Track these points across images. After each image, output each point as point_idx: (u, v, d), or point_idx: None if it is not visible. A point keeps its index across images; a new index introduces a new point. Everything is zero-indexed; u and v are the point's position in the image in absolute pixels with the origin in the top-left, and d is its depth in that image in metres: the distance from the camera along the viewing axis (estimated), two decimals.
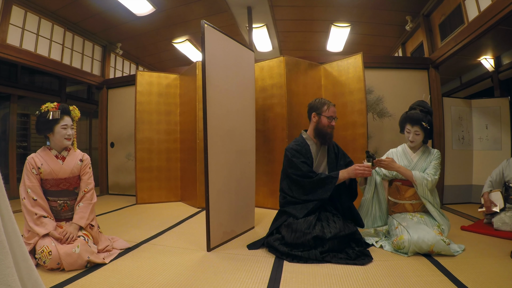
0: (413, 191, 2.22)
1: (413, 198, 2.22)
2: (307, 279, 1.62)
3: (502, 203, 2.52)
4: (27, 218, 1.79)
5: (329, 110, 2.22)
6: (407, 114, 2.27)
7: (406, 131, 2.27)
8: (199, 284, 1.57)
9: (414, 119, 2.20)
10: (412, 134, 2.23)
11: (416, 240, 1.90)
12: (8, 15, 3.54)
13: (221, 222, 2.23)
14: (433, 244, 1.88)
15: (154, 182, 4.03)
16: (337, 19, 4.53)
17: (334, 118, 2.23)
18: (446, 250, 1.89)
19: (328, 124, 2.21)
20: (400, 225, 2.08)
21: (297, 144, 2.25)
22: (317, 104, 2.27)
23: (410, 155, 2.31)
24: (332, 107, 2.24)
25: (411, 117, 2.22)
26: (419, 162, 2.25)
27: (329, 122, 2.21)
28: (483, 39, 3.51)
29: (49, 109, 1.89)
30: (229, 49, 2.38)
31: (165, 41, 5.34)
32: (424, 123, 2.18)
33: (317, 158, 2.26)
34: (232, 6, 4.08)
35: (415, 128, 2.21)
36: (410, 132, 2.24)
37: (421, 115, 2.20)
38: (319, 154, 2.28)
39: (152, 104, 4.03)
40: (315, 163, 2.25)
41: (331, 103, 2.26)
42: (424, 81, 3.87)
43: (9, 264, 0.76)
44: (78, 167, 2.02)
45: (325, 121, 2.21)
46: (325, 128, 2.22)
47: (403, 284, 1.53)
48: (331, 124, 2.22)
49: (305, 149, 2.23)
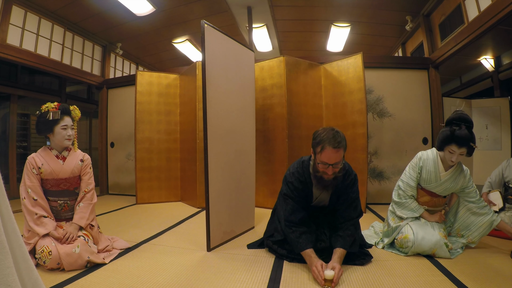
0: (428, 199, 2.13)
1: (426, 205, 2.14)
2: (307, 279, 1.62)
3: (501, 202, 2.51)
4: (27, 218, 1.79)
5: (322, 154, 1.64)
6: (454, 133, 1.90)
7: (449, 151, 1.95)
8: (199, 284, 1.57)
9: (463, 139, 1.88)
10: (457, 156, 1.93)
11: (420, 241, 1.89)
12: (8, 15, 3.54)
13: (221, 222, 2.23)
14: (436, 249, 1.88)
15: (154, 182, 4.03)
16: (337, 19, 4.53)
17: (332, 165, 1.64)
18: (447, 256, 1.89)
19: (322, 170, 1.68)
20: (408, 224, 2.04)
21: (299, 180, 1.85)
22: (315, 137, 1.71)
23: (440, 171, 2.05)
24: (328, 150, 1.61)
25: (460, 137, 1.88)
26: (445, 184, 2.05)
27: (323, 168, 1.67)
28: (483, 39, 3.51)
29: (49, 110, 1.89)
30: (229, 49, 2.38)
31: (165, 41, 5.34)
32: (473, 144, 1.91)
33: (318, 196, 1.90)
34: (232, 6, 4.08)
35: (461, 150, 1.90)
36: (455, 153, 1.93)
37: (469, 134, 1.90)
38: (322, 194, 1.89)
39: (152, 104, 4.03)
40: (315, 200, 1.92)
41: (331, 142, 1.61)
42: (424, 81, 3.87)
43: (9, 264, 0.76)
44: (78, 167, 2.02)
45: (319, 167, 1.70)
46: (319, 173, 1.72)
47: (403, 284, 1.53)
48: (327, 172, 1.67)
49: (306, 187, 1.85)
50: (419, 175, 2.10)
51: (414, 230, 1.94)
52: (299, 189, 1.85)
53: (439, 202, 2.16)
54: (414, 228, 1.97)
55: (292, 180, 1.87)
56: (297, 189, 1.85)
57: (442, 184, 2.05)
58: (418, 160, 2.12)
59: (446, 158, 2.00)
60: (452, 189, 2.07)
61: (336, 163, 1.64)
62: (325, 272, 1.51)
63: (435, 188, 2.08)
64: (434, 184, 2.06)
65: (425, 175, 2.08)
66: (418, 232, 1.93)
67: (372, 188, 3.75)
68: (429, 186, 2.09)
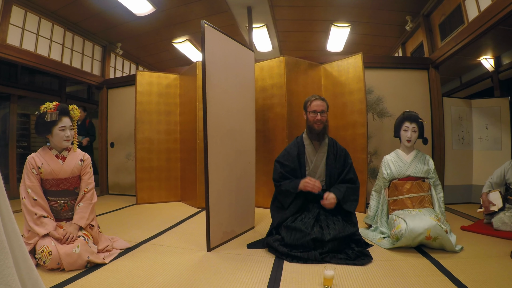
0: (409, 185, 2.33)
1: (411, 192, 2.30)
2: (307, 279, 1.62)
3: (501, 202, 2.52)
4: (27, 218, 1.79)
5: (311, 105, 2.16)
6: (404, 114, 2.45)
7: (404, 129, 2.40)
8: (199, 284, 1.57)
9: (412, 116, 2.40)
10: (410, 132, 2.37)
11: (412, 227, 1.94)
12: (8, 15, 3.54)
13: (221, 222, 2.23)
14: (430, 229, 1.91)
15: (154, 182, 4.03)
16: (337, 19, 4.53)
17: (319, 112, 2.14)
18: (443, 236, 1.90)
19: (313, 119, 2.14)
20: (398, 217, 2.12)
21: (292, 143, 2.24)
22: (305, 101, 2.25)
23: (404, 157, 2.43)
24: (315, 101, 2.16)
25: (409, 115, 2.41)
26: (413, 163, 2.38)
27: (313, 117, 2.14)
28: (483, 39, 3.51)
29: (47, 111, 1.88)
30: (229, 49, 2.38)
31: (165, 41, 5.34)
32: (421, 119, 2.41)
33: (313, 160, 2.19)
34: (232, 6, 4.08)
35: (413, 125, 2.37)
36: (409, 129, 2.37)
37: (416, 113, 2.44)
38: (317, 155, 2.20)
39: (152, 104, 4.03)
40: (311, 165, 2.19)
41: (315, 97, 2.19)
42: (424, 81, 3.87)
43: (9, 264, 0.76)
44: (78, 167, 2.02)
45: (310, 117, 2.16)
46: (311, 124, 2.16)
47: (403, 284, 1.54)
48: (317, 119, 2.13)
49: (297, 149, 2.19)
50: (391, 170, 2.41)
51: (406, 220, 2.02)
52: (293, 155, 2.16)
53: (421, 185, 2.33)
54: (406, 218, 2.05)
55: (286, 148, 2.23)
56: (290, 155, 2.17)
57: (411, 165, 2.37)
58: (383, 163, 2.49)
59: (403, 138, 2.41)
60: (422, 169, 2.35)
61: (322, 111, 2.14)
62: (325, 272, 1.51)
63: (407, 170, 2.36)
64: (404, 167, 2.37)
65: (394, 167, 2.41)
66: (410, 220, 2.00)
67: (372, 188, 3.74)
68: (402, 172, 2.37)
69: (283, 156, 2.21)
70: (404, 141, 2.42)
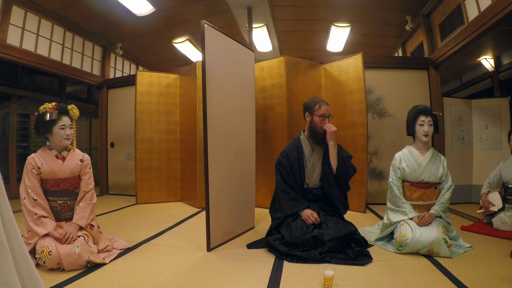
0: (420, 193, 2.21)
1: (420, 200, 2.21)
2: (307, 279, 1.62)
3: (501, 203, 2.52)
4: (27, 218, 1.79)
5: (320, 109, 2.15)
6: (418, 108, 2.27)
7: (419, 123, 2.23)
8: (199, 284, 1.57)
9: (427, 109, 2.25)
10: (427, 126, 2.20)
11: (418, 238, 1.91)
12: (8, 15, 3.54)
13: (221, 222, 2.23)
14: (434, 244, 1.89)
15: (154, 182, 4.03)
16: (337, 19, 4.53)
17: (328, 117, 2.16)
18: (446, 253, 1.89)
19: (320, 123, 2.15)
20: (406, 222, 2.07)
21: (291, 145, 2.24)
22: (309, 103, 2.22)
23: (418, 158, 2.25)
24: (324, 105, 2.17)
25: (424, 109, 2.25)
26: (428, 166, 2.22)
27: (321, 121, 2.14)
28: (483, 39, 3.51)
29: (46, 110, 1.89)
30: (229, 49, 2.38)
31: (165, 41, 5.34)
32: (436, 112, 2.28)
33: (311, 159, 2.20)
34: (232, 6, 4.08)
35: (428, 118, 2.21)
36: (425, 123, 2.21)
37: (429, 107, 2.30)
38: (314, 155, 2.21)
39: (152, 104, 4.03)
40: (309, 165, 2.20)
41: (323, 102, 2.19)
42: (424, 81, 3.87)
43: (9, 264, 0.76)
44: (78, 167, 2.02)
45: (317, 120, 2.15)
46: (317, 127, 2.15)
47: (403, 284, 1.54)
48: (324, 123, 2.14)
49: (297, 151, 2.19)
50: (403, 171, 2.25)
51: (413, 228, 1.99)
52: (293, 157, 2.17)
53: (432, 193, 2.21)
54: (413, 225, 2.01)
55: (285, 149, 2.24)
56: (289, 157, 2.18)
57: (425, 169, 2.21)
58: (396, 161, 2.31)
59: (419, 134, 2.23)
60: (436, 173, 2.20)
61: (330, 115, 2.19)
62: (325, 272, 1.51)
63: (421, 175, 2.21)
64: (419, 171, 2.22)
65: (408, 168, 2.24)
66: (417, 230, 1.97)
67: (372, 188, 3.75)
68: (415, 176, 2.22)
69: (283, 159, 2.20)
70: (420, 137, 2.23)
